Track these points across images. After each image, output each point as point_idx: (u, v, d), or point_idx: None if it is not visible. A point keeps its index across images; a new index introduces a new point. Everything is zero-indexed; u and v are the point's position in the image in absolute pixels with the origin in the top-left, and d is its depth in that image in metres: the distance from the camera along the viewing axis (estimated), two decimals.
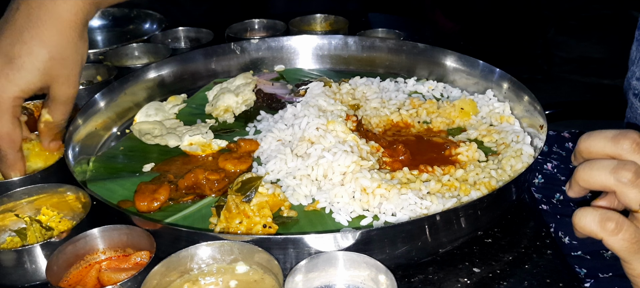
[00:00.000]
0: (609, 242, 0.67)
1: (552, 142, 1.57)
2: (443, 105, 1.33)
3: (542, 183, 1.42)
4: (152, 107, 1.38)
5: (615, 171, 0.67)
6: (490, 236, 0.99)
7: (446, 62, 1.48)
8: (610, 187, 0.68)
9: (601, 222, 0.67)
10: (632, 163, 0.67)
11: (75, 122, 1.20)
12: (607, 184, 0.68)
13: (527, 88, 1.25)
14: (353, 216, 1.01)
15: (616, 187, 0.67)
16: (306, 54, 1.62)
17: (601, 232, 0.67)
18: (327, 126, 1.16)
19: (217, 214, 1.00)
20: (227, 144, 1.24)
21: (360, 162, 1.07)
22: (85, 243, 0.90)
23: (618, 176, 0.66)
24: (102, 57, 1.69)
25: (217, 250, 0.83)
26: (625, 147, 0.67)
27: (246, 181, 1.05)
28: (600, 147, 0.69)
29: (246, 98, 1.42)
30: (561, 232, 1.30)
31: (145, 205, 1.04)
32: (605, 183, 0.68)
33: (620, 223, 0.66)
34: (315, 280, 0.80)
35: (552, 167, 1.47)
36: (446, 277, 0.91)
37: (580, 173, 0.70)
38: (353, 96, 1.40)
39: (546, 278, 0.90)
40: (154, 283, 0.79)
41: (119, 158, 1.23)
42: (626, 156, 0.67)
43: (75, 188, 1.00)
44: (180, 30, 1.94)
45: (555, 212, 1.34)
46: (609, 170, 0.67)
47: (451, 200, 1.00)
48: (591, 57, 4.34)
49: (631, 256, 0.68)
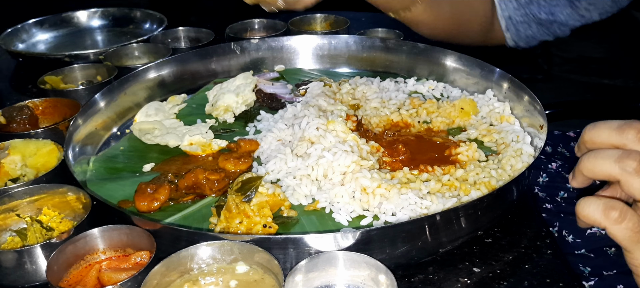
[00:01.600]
0: (612, 231, 0.67)
1: (557, 142, 1.57)
2: (443, 105, 1.33)
3: (546, 182, 1.42)
4: (152, 107, 1.38)
5: (620, 160, 0.66)
6: (490, 236, 0.99)
7: (446, 62, 1.48)
8: (614, 177, 0.68)
9: (605, 211, 0.66)
10: (636, 153, 0.66)
11: (76, 122, 1.20)
12: (611, 173, 0.67)
13: (527, 88, 1.25)
14: (353, 216, 1.01)
15: (621, 176, 0.67)
16: (306, 54, 1.62)
17: (604, 220, 0.67)
18: (327, 126, 1.16)
19: (217, 214, 1.00)
20: (227, 144, 1.24)
21: (360, 162, 1.07)
22: (86, 243, 0.90)
23: (623, 165, 0.66)
24: (102, 57, 1.69)
25: (217, 250, 0.83)
26: (630, 137, 0.67)
27: (246, 181, 1.05)
28: (605, 137, 0.69)
29: (246, 98, 1.42)
30: (565, 230, 1.30)
31: (145, 205, 1.04)
32: (609, 173, 0.68)
33: (624, 212, 0.66)
34: (316, 280, 0.80)
35: (557, 166, 1.47)
36: (446, 276, 0.91)
37: (585, 163, 0.70)
38: (353, 96, 1.40)
39: (546, 278, 0.90)
40: (154, 283, 0.79)
41: (119, 158, 1.23)
42: (631, 146, 0.67)
43: (76, 188, 1.00)
44: (180, 30, 1.94)
45: (559, 211, 1.34)
46: (614, 159, 0.67)
47: (451, 200, 1.00)
48: (591, 57, 4.33)
49: (634, 245, 0.67)
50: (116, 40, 2.04)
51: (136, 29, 2.12)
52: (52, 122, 1.37)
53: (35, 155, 1.15)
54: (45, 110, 1.38)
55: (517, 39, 1.47)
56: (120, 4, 2.21)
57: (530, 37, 1.45)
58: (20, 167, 1.14)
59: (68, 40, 2.06)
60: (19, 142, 1.17)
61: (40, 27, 2.06)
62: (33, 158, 1.15)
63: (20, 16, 2.07)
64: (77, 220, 0.99)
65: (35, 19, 2.06)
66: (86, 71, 1.61)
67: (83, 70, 1.61)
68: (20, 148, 1.16)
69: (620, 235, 0.67)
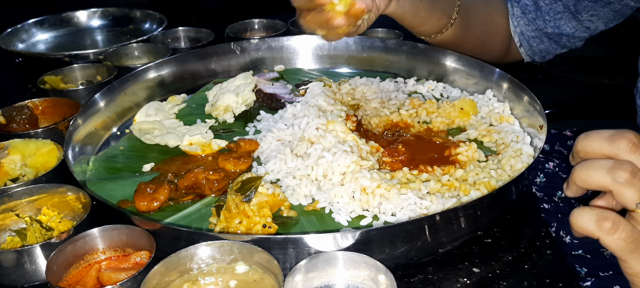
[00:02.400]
0: (605, 241, 0.68)
1: (554, 141, 1.57)
2: (443, 105, 1.33)
3: (543, 182, 1.42)
4: (152, 107, 1.38)
5: (611, 171, 0.67)
6: (490, 236, 0.99)
7: (446, 62, 1.48)
8: (607, 187, 0.68)
9: (598, 222, 0.67)
10: (628, 163, 0.67)
11: (75, 122, 1.20)
12: (603, 184, 0.68)
13: (527, 88, 1.25)
14: (353, 216, 1.01)
15: (613, 187, 0.67)
16: (306, 54, 1.62)
17: (598, 231, 0.67)
18: (327, 126, 1.16)
19: (217, 214, 1.00)
20: (227, 144, 1.24)
21: (360, 162, 1.07)
22: (85, 243, 0.90)
23: (614, 176, 0.67)
24: (102, 57, 1.69)
25: (216, 250, 0.83)
26: (621, 147, 0.67)
27: (246, 181, 1.05)
28: (597, 147, 0.70)
29: (246, 98, 1.42)
30: (562, 231, 1.30)
31: (145, 205, 1.04)
32: (602, 183, 0.68)
33: (616, 223, 0.66)
34: (315, 280, 0.80)
35: (554, 166, 1.47)
36: (446, 277, 0.91)
37: (578, 173, 0.70)
38: (353, 96, 1.40)
39: (546, 278, 0.90)
40: (153, 283, 0.79)
41: (118, 158, 1.23)
42: (623, 156, 0.68)
43: (75, 188, 1.01)
44: (180, 30, 1.94)
45: (556, 211, 1.34)
46: (606, 170, 0.67)
47: (451, 200, 1.00)
48: (591, 57, 4.33)
49: (628, 255, 0.68)
50: (116, 40, 2.04)
51: (136, 29, 2.12)
52: (52, 122, 1.37)
53: (35, 155, 1.15)
54: (45, 110, 1.38)
55: (531, 53, 1.50)
56: (120, 4, 2.21)
57: (544, 51, 1.48)
58: (20, 166, 1.15)
59: (68, 40, 2.06)
60: (18, 141, 1.17)
61: (40, 27, 2.06)
62: (33, 158, 1.15)
63: (20, 16, 2.07)
64: (76, 220, 0.99)
65: (35, 19, 2.06)
66: (86, 71, 1.61)
67: (83, 70, 1.61)
68: (20, 148, 1.16)
69: (613, 245, 0.67)
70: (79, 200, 1.01)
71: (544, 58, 1.51)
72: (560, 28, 1.39)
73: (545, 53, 1.49)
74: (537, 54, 1.50)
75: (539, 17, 1.41)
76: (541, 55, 1.50)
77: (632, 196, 0.66)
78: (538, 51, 1.48)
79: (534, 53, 1.49)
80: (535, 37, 1.45)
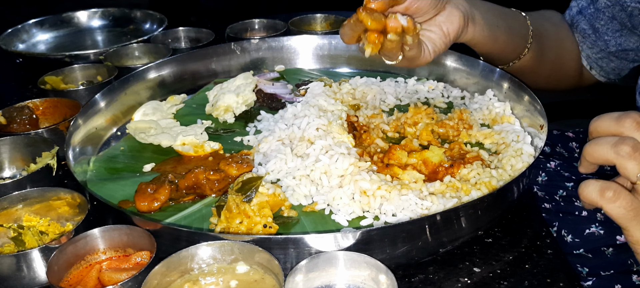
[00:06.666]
0: (607, 209, 0.75)
1: (556, 142, 1.57)
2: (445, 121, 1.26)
3: (545, 181, 1.42)
4: (149, 106, 1.38)
5: (615, 146, 0.74)
6: (490, 236, 0.99)
7: (446, 62, 1.47)
8: (611, 161, 0.75)
9: (601, 191, 0.74)
10: (631, 139, 0.74)
11: (76, 122, 1.20)
12: (608, 158, 0.75)
13: (528, 88, 1.25)
14: (353, 217, 1.01)
15: (616, 160, 0.74)
16: (306, 54, 1.62)
17: (600, 199, 0.74)
18: (327, 127, 1.16)
19: (218, 214, 1.00)
20: (220, 146, 1.23)
21: (358, 164, 1.07)
22: (86, 243, 0.90)
23: (617, 150, 0.74)
24: (102, 57, 1.69)
25: (217, 250, 0.83)
26: (626, 125, 0.75)
27: (246, 181, 1.05)
28: (606, 126, 0.78)
29: (246, 98, 1.42)
30: (564, 230, 1.30)
31: (145, 205, 1.04)
32: (606, 157, 0.75)
33: (617, 192, 0.74)
34: (316, 280, 0.80)
35: (556, 165, 1.47)
36: (446, 276, 0.91)
37: (587, 149, 0.78)
38: (353, 96, 1.40)
39: (546, 278, 0.90)
40: (154, 283, 0.79)
41: (119, 159, 1.23)
42: (627, 133, 0.75)
43: (68, 190, 1.00)
44: (180, 30, 1.94)
45: (558, 210, 1.34)
46: (610, 145, 0.75)
47: (452, 201, 1.00)
48: None
49: (629, 222, 0.74)
50: (116, 41, 2.04)
51: (136, 29, 2.12)
52: (52, 122, 1.37)
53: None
54: (45, 110, 1.38)
55: (604, 74, 1.49)
56: (120, 4, 2.21)
57: (617, 69, 1.47)
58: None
59: (68, 41, 2.06)
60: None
61: (40, 27, 2.06)
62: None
63: (20, 16, 2.07)
64: (70, 222, 0.99)
65: (35, 19, 2.06)
66: (86, 71, 1.61)
67: (83, 71, 1.61)
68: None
69: (615, 213, 0.74)
70: (74, 201, 1.00)
71: (619, 75, 1.49)
72: (622, 45, 1.37)
73: (618, 71, 1.47)
74: (611, 73, 1.49)
75: (598, 38, 1.40)
76: (615, 74, 1.49)
77: (633, 168, 0.73)
78: (610, 70, 1.47)
79: (607, 73, 1.48)
80: (602, 58, 1.44)
